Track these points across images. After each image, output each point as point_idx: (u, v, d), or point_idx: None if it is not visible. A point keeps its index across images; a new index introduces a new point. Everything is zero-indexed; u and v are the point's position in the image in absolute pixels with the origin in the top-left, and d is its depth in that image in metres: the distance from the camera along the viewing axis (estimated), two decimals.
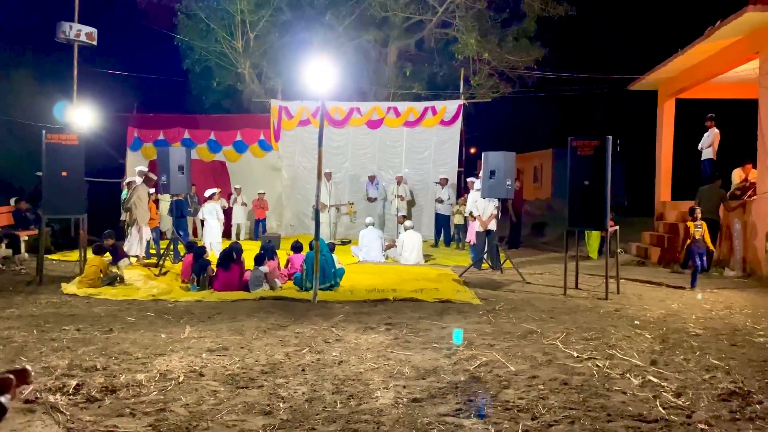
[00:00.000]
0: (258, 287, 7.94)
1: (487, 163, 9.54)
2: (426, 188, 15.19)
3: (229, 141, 15.69)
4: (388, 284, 8.59)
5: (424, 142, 15.26)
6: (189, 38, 17.88)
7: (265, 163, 15.68)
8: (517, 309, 7.01)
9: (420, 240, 11.44)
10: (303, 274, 8.17)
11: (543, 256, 12.70)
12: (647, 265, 11.45)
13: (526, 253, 13.07)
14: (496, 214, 10.27)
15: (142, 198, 10.20)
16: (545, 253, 13.12)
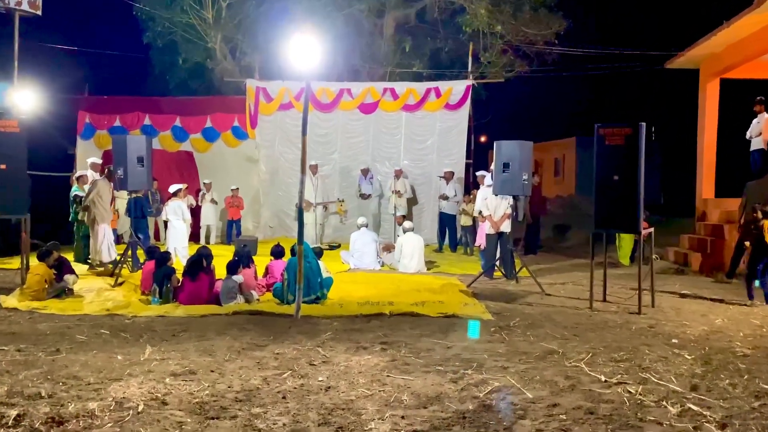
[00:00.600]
0: (231, 300, 7.94)
1: (499, 153, 9.55)
2: (428, 183, 15.22)
3: (198, 128, 15.69)
4: (384, 296, 8.60)
5: (427, 130, 15.29)
6: (150, 7, 17.85)
7: (239, 154, 15.69)
8: (535, 325, 7.02)
9: (421, 244, 11.46)
10: (284, 284, 8.17)
11: (565, 263, 12.74)
12: (687, 274, 11.50)
13: (546, 260, 13.12)
14: (510, 213, 10.29)
15: (103, 194, 10.24)
16: (568, 260, 13.16)
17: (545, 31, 17.57)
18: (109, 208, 10.42)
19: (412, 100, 15.19)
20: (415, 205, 15.21)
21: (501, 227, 10.39)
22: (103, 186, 10.30)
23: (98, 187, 10.24)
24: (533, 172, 11.30)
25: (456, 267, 11.76)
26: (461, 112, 15.10)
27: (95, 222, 10.23)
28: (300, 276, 7.35)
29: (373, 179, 14.92)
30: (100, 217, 10.20)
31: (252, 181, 15.61)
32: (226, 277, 8.12)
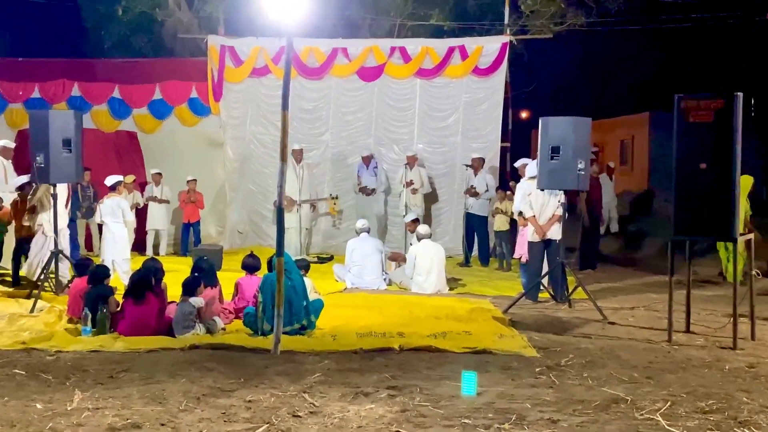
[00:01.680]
0: (188, 330, 7.94)
1: (546, 134, 9.54)
2: (451, 174, 15.26)
3: (143, 100, 15.70)
4: (393, 325, 8.60)
5: (449, 103, 15.31)
6: None
7: (198, 135, 15.74)
8: (595, 364, 6.99)
9: (442, 255, 11.45)
10: (259, 308, 8.16)
11: (635, 280, 12.71)
12: None
13: (609, 276, 13.10)
14: (560, 214, 10.27)
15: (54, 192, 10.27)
16: (638, 276, 13.13)
17: None
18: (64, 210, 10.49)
19: (429, 62, 15.20)
20: (433, 203, 15.23)
21: (549, 233, 10.37)
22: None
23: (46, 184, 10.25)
24: (592, 159, 11.30)
25: (488, 286, 11.77)
26: (495, 79, 15.11)
27: (42, 231, 10.31)
28: (279, 298, 7.34)
29: (377, 169, 14.92)
30: (48, 224, 10.20)
31: (215, 171, 15.64)
32: (182, 300, 8.11)
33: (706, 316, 9.38)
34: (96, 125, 15.38)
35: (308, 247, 14.60)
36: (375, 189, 14.80)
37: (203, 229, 15.22)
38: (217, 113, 15.54)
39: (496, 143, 15.16)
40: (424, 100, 15.36)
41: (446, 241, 14.49)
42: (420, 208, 14.33)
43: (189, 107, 15.71)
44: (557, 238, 10.32)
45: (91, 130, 14.48)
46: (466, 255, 14.38)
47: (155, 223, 14.78)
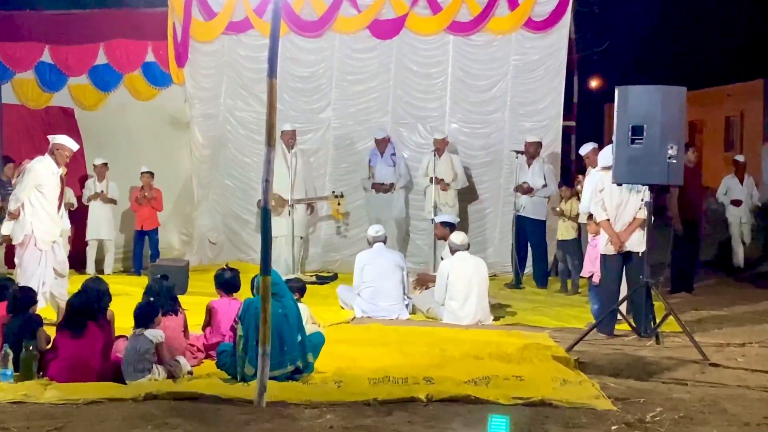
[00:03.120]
0: (143, 374, 7.95)
1: (625, 110, 9.56)
2: (496, 164, 15.32)
3: (83, 67, 15.78)
4: (418, 367, 8.59)
5: (493, 67, 15.35)
6: None
7: (156, 113, 15.87)
8: (692, 421, 6.97)
9: (484, 274, 11.44)
10: (238, 345, 8.18)
11: (746, 306, 12.66)
12: None
13: (712, 301, 13.05)
14: (644, 218, 10.23)
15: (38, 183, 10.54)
16: (751, 301, 13.07)
17: None
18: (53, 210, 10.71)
19: (465, 14, 15.26)
20: (471, 203, 15.29)
21: (628, 244, 10.34)
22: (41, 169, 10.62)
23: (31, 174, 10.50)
24: (686, 143, 11.25)
25: (546, 315, 11.78)
26: (554, 36, 15.15)
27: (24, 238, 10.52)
28: (266, 331, 7.35)
29: (395, 157, 14.94)
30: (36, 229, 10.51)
31: (179, 161, 15.71)
32: (134, 333, 8.13)
33: None
34: (20, 99, 15.51)
35: (304, 262, 14.65)
36: (393, 184, 14.84)
37: (163, 238, 15.26)
38: (180, 82, 15.64)
39: (556, 122, 15.20)
40: (460, 63, 15.40)
41: (489, 254, 14.54)
42: (453, 209, 14.32)
43: (143, 75, 15.82)
44: (640, 251, 10.28)
45: (12, 106, 14.60)
46: (516, 273, 14.37)
47: (98, 231, 14.84)
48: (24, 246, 10.73)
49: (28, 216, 10.68)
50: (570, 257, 13.60)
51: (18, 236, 10.76)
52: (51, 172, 10.70)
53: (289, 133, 14.23)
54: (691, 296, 13.29)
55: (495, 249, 15.00)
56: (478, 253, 12.57)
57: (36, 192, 10.63)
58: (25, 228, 10.63)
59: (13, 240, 10.90)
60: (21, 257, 10.80)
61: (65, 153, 10.91)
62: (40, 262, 10.76)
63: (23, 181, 10.70)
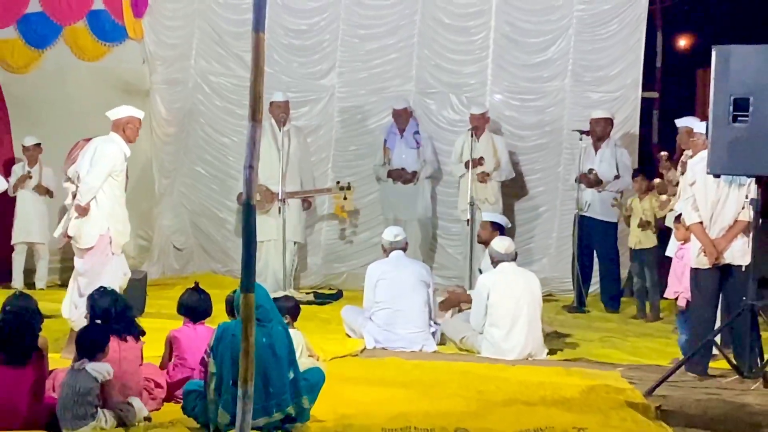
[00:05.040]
0: (84, 421, 7.96)
1: (726, 77, 9.52)
2: (554, 148, 15.39)
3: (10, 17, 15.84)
4: (449, 415, 8.60)
5: (549, 21, 15.40)
6: None
7: (105, 78, 15.95)
8: None
9: (536, 292, 11.42)
10: (210, 384, 8.18)
11: None
12: None
13: None
14: (748, 221, 10.19)
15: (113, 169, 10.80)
16: None
17: None
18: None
19: None
20: (520, 198, 15.28)
21: (728, 255, 10.29)
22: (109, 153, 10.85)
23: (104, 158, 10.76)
24: None
25: (619, 348, 11.79)
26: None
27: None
28: (248, 365, 7.34)
29: (419, 136, 14.95)
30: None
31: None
32: (74, 367, 8.15)
33: None
34: None
35: (299, 275, 14.68)
36: (416, 172, 14.85)
37: None
38: (138, 38, 15.67)
39: (633, 93, 15.20)
40: (506, 14, 15.46)
41: (543, 266, 14.57)
42: (496, 206, 14.31)
43: (89, 27, 15.87)
44: (744, 264, 10.26)
45: None
46: (579, 292, 14.37)
47: (28, 231, 14.91)
48: (93, 250, 10.68)
49: (104, 213, 10.74)
50: (649, 272, 13.57)
51: (87, 238, 10.70)
52: (125, 155, 10.99)
53: (281, 105, 14.22)
54: None
55: (551, 260, 15.02)
56: (528, 266, 12.59)
57: (110, 180, 10.76)
58: (99, 227, 10.66)
59: (81, 243, 10.71)
60: (85, 264, 10.76)
61: (136, 126, 11.23)
62: (110, 267, 10.75)
63: (94, 169, 10.69)
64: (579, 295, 14.27)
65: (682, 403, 9.28)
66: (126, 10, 15.60)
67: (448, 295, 12.47)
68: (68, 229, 10.70)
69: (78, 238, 10.67)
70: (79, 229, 10.66)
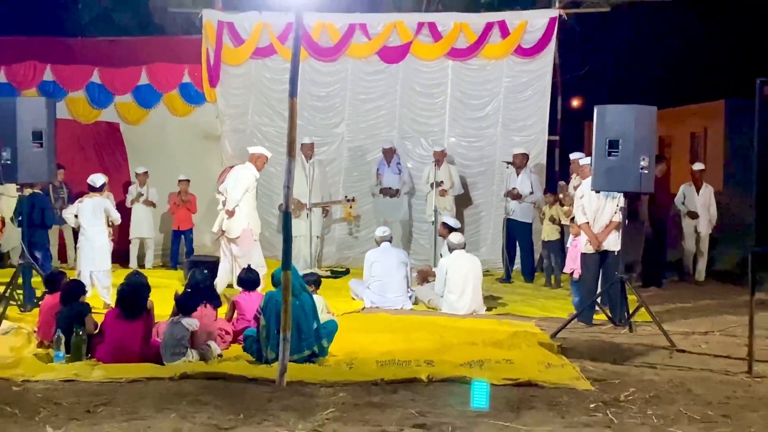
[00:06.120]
0: (178, 357, 7.95)
1: (603, 126, 9.54)
2: (489, 174, 15.24)
3: (127, 87, 15.79)
4: (420, 351, 8.61)
5: (486, 89, 15.29)
6: None
7: (191, 127, 15.84)
8: (661, 400, 6.96)
9: (478, 269, 11.42)
10: (261, 332, 8.17)
11: (709, 299, 12.61)
12: None
13: (679, 295, 13.01)
14: (619, 221, 10.22)
15: (248, 186, 11.79)
16: (714, 295, 13.02)
17: None
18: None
19: (462, 41, 15.19)
20: (467, 207, 15.23)
21: (605, 244, 10.32)
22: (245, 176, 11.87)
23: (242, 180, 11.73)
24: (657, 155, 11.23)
25: (533, 306, 11.74)
26: (541, 61, 15.07)
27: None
28: (286, 319, 7.34)
29: (401, 166, 14.90)
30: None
31: (211, 169, 15.68)
32: (172, 321, 8.14)
33: None
34: (72, 115, 15.50)
35: (320, 258, 14.62)
36: (398, 190, 14.73)
37: (197, 237, 15.23)
38: (213, 101, 15.63)
39: (542, 136, 15.11)
40: (458, 85, 15.33)
41: (483, 252, 14.49)
42: (451, 212, 14.24)
43: (180, 94, 15.80)
44: (616, 250, 10.30)
45: (66, 121, 14.59)
46: (506, 269, 14.32)
47: (140, 230, 14.81)
48: (241, 239, 11.66)
49: (244, 215, 11.68)
50: (554, 255, 13.52)
51: (235, 231, 11.64)
52: (255, 177, 11.65)
53: (308, 146, 14.21)
54: (660, 291, 13.23)
55: (488, 248, 14.94)
56: (473, 252, 12.54)
57: (247, 194, 11.65)
58: (242, 224, 11.59)
59: (230, 234, 11.67)
60: (240, 249, 11.71)
61: (264, 160, 11.97)
62: (257, 250, 11.90)
63: (237, 185, 11.59)
64: (506, 271, 14.21)
65: (575, 343, 9.30)
66: (205, 82, 15.54)
67: (420, 272, 12.46)
68: (222, 226, 11.74)
69: (228, 231, 11.67)
70: (228, 226, 11.66)
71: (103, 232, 11.12)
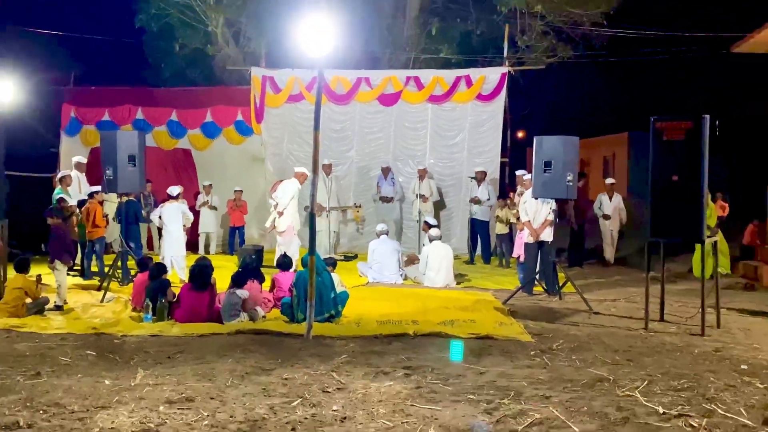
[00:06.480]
0: (234, 318, 7.98)
1: (540, 151, 9.52)
2: (458, 185, 15.18)
3: (197, 122, 15.80)
4: (408, 314, 8.61)
5: (456, 124, 15.25)
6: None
7: (243, 152, 15.79)
8: (582, 348, 6.97)
9: (450, 254, 11.42)
10: (293, 300, 8.19)
11: (616, 277, 12.62)
12: (757, 290, 11.33)
13: (594, 273, 13.01)
14: (551, 220, 10.23)
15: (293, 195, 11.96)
16: (619, 273, 13.03)
17: (593, 11, 17.41)
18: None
19: (439, 90, 15.17)
20: (442, 210, 15.18)
21: (542, 236, 10.32)
22: (291, 188, 11.98)
23: (289, 191, 11.89)
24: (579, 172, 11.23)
25: (490, 281, 11.71)
26: (495, 104, 15.05)
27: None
28: (311, 291, 7.35)
29: (394, 180, 14.89)
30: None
31: (258, 182, 15.66)
32: (229, 291, 8.16)
33: (678, 307, 9.29)
34: (156, 144, 15.48)
35: (336, 247, 14.58)
36: (393, 197, 14.74)
37: (247, 232, 15.25)
38: (259, 133, 15.58)
39: (496, 158, 15.05)
40: (435, 122, 15.29)
41: (454, 242, 14.44)
42: (431, 214, 14.22)
43: (235, 128, 15.77)
44: (549, 240, 10.31)
45: (152, 148, 14.56)
46: (470, 254, 14.31)
47: (206, 226, 14.82)
48: (286, 233, 11.77)
49: (290, 215, 11.80)
50: (504, 244, 13.49)
51: (282, 227, 11.79)
52: (298, 188, 11.83)
53: (327, 166, 14.18)
54: (581, 270, 13.23)
55: (457, 239, 14.90)
56: (446, 242, 12.49)
57: (292, 200, 11.82)
58: (287, 222, 11.75)
59: (279, 228, 11.84)
60: (284, 240, 11.82)
61: (305, 177, 11.94)
62: (296, 241, 11.88)
63: (285, 194, 11.83)
64: (470, 255, 14.20)
65: (520, 307, 9.29)
66: (252, 120, 15.48)
67: (408, 257, 12.43)
68: (273, 223, 11.95)
69: (278, 227, 11.83)
70: (277, 223, 11.84)
71: (179, 228, 11.15)
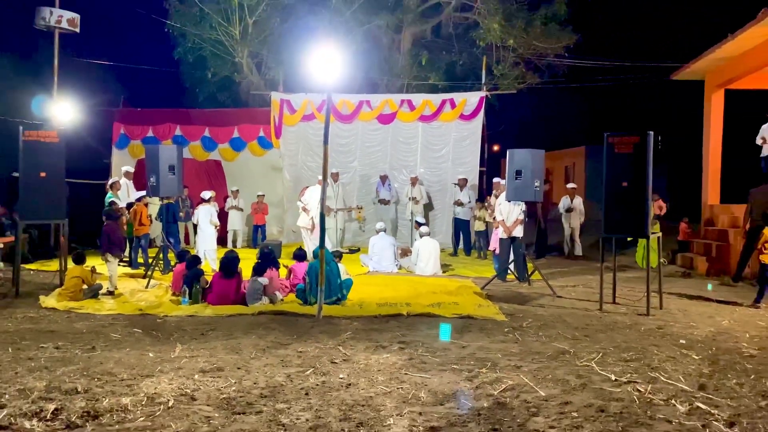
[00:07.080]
0: (256, 301, 7.96)
1: (512, 162, 9.51)
2: (444, 190, 15.16)
3: (225, 138, 15.78)
4: (402, 297, 8.59)
5: (442, 139, 15.24)
6: (181, 24, 18.02)
7: (264, 163, 15.75)
8: (547, 326, 6.97)
9: (437, 248, 11.42)
10: (307, 286, 8.18)
11: (576, 266, 12.62)
12: (693, 277, 11.35)
13: (557, 263, 13.00)
14: (522, 219, 10.23)
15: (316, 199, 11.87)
16: (578, 264, 13.04)
17: (556, 45, 17.48)
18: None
19: (428, 111, 15.14)
20: (431, 210, 15.16)
21: (514, 232, 10.33)
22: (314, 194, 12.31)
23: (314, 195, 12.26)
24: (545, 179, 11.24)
25: (470, 270, 11.70)
26: (475, 123, 15.01)
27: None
28: (321, 278, 7.35)
29: (390, 186, 14.89)
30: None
31: (276, 188, 15.64)
32: (252, 279, 8.15)
33: (627, 291, 9.30)
34: (192, 156, 15.45)
35: (342, 242, 14.56)
36: (389, 200, 14.75)
37: (268, 229, 15.21)
38: (278, 147, 15.54)
39: (476, 168, 15.03)
40: (425, 137, 15.26)
41: (440, 237, 14.39)
42: (421, 214, 14.22)
43: (258, 143, 15.74)
44: (520, 236, 10.30)
45: (188, 160, 14.57)
46: (454, 247, 14.29)
47: (234, 225, 14.75)
48: (312, 230, 12.09)
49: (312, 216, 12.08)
50: (482, 240, 13.51)
51: (309, 224, 12.15)
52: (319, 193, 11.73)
53: (335, 174, 14.15)
54: (546, 261, 13.26)
55: (443, 235, 14.84)
56: (434, 237, 12.46)
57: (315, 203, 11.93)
58: (310, 221, 12.07)
59: (306, 226, 12.21)
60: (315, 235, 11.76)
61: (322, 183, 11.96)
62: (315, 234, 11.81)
63: (311, 198, 12.14)
64: (454, 249, 14.19)
65: (495, 292, 9.29)
66: (272, 135, 15.48)
67: (402, 250, 12.42)
68: (302, 221, 12.35)
69: (305, 224, 12.21)
70: (305, 221, 12.25)
71: (211, 227, 11.13)
